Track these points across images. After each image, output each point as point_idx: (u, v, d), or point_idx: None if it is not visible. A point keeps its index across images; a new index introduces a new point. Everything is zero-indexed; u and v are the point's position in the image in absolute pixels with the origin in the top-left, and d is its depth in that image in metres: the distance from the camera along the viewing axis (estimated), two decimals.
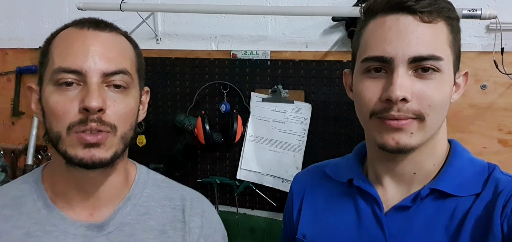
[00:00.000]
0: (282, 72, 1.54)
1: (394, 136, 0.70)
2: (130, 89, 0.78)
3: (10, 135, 1.86)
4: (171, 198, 0.89)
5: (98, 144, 0.73)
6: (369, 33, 0.74)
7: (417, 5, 0.69)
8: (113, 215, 0.82)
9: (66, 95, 0.73)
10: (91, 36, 0.75)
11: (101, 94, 0.73)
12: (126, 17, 1.55)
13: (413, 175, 0.77)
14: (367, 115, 0.73)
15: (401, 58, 0.68)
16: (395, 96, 0.67)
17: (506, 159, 1.36)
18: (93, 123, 0.72)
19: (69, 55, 0.73)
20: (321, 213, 0.87)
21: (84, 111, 0.72)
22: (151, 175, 0.92)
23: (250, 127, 1.58)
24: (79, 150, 0.73)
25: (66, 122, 0.72)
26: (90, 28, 0.77)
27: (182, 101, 1.63)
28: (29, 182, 0.83)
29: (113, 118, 0.74)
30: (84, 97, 0.71)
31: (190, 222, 0.87)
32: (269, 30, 1.56)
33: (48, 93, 0.74)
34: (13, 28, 1.85)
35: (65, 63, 0.73)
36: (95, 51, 0.74)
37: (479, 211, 0.71)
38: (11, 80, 1.84)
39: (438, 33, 0.70)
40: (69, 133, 0.73)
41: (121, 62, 0.76)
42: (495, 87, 1.35)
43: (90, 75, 0.72)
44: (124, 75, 0.76)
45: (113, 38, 0.78)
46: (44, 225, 0.78)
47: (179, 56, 1.64)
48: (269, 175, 1.58)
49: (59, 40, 0.77)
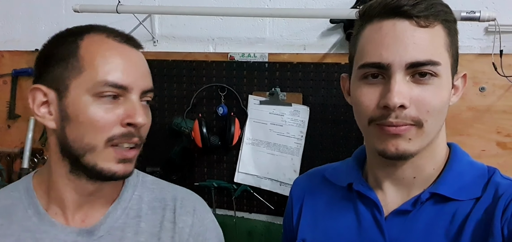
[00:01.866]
0: (280, 75, 1.53)
1: (394, 142, 0.70)
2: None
3: (5, 138, 1.86)
4: (161, 199, 0.88)
5: (133, 159, 0.78)
6: (365, 39, 0.73)
7: (413, 9, 0.68)
8: (103, 220, 0.81)
9: (108, 108, 0.73)
10: (134, 56, 0.79)
11: (142, 110, 0.77)
12: (123, 19, 1.54)
13: (413, 179, 0.76)
14: (366, 122, 0.73)
15: (398, 64, 0.68)
16: (393, 103, 0.67)
17: (505, 162, 1.35)
18: (136, 137, 0.76)
19: (118, 71, 0.73)
20: (321, 217, 0.86)
21: (128, 126, 0.74)
22: (140, 177, 0.91)
23: (247, 129, 1.58)
24: (112, 164, 0.74)
25: (107, 134, 0.73)
26: (128, 44, 0.78)
27: (179, 104, 1.63)
28: (19, 190, 0.82)
29: (143, 132, 0.79)
30: (129, 113, 0.74)
31: (179, 221, 0.86)
32: (267, 33, 1.56)
33: (85, 104, 0.72)
34: (9, 30, 1.84)
35: (116, 79, 0.73)
36: (138, 72, 0.78)
37: (479, 215, 0.71)
38: (7, 83, 1.83)
39: (435, 37, 0.70)
40: (107, 146, 0.73)
41: (150, 80, 0.82)
42: (494, 90, 1.34)
43: (135, 91, 0.76)
44: (152, 93, 0.82)
45: (142, 58, 0.82)
46: (34, 232, 0.78)
47: (176, 59, 1.63)
48: (267, 178, 1.57)
49: (99, 49, 0.74)
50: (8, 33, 1.84)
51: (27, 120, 1.78)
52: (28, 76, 1.80)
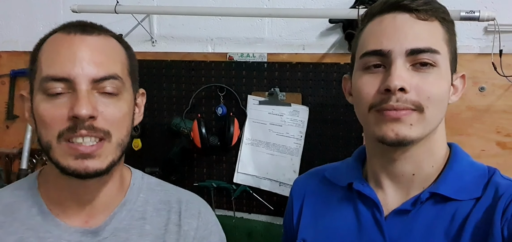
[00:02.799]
0: (279, 75, 1.53)
1: (394, 127, 0.70)
2: (122, 93, 0.76)
3: (4, 138, 1.85)
4: (166, 202, 0.88)
5: (92, 154, 0.71)
6: (367, 33, 0.75)
7: (413, 3, 0.71)
8: (108, 221, 0.81)
9: (54, 103, 0.71)
10: (78, 41, 0.73)
11: (91, 101, 0.70)
12: (121, 19, 1.54)
13: (412, 176, 0.76)
14: (366, 109, 0.73)
15: (398, 51, 0.70)
16: (394, 85, 0.68)
17: (505, 162, 1.35)
18: (84, 130, 0.70)
19: (56, 62, 0.72)
20: (321, 217, 0.86)
21: (74, 118, 0.70)
22: (146, 179, 0.90)
23: (247, 130, 1.57)
24: (70, 161, 0.71)
25: (56, 130, 0.71)
26: (77, 32, 0.74)
27: (178, 104, 1.62)
28: (24, 188, 0.82)
29: (105, 124, 0.72)
30: (73, 105, 0.70)
31: (185, 224, 0.86)
32: (265, 32, 1.56)
33: (37, 102, 0.73)
34: (7, 30, 1.84)
35: (52, 71, 0.71)
36: (82, 56, 0.71)
37: (479, 215, 0.71)
38: (5, 84, 1.83)
39: (434, 30, 0.72)
40: (60, 142, 0.71)
41: (110, 67, 0.74)
42: (494, 90, 1.34)
43: (79, 81, 0.70)
44: (115, 80, 0.74)
45: (101, 42, 0.75)
46: (38, 231, 0.77)
47: (175, 59, 1.62)
48: (266, 179, 1.57)
49: (47, 46, 0.75)
50: (6, 34, 1.83)
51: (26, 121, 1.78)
52: (26, 76, 1.79)
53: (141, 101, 0.86)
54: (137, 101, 0.84)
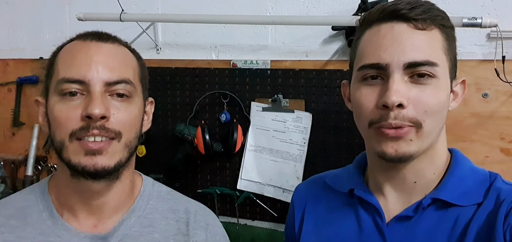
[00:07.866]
0: (282, 82, 1.53)
1: (393, 144, 0.70)
2: (133, 97, 0.80)
3: (10, 145, 1.86)
4: (175, 211, 0.89)
5: (101, 151, 0.74)
6: (364, 42, 0.75)
7: (411, 13, 0.69)
8: (117, 227, 0.82)
9: (69, 104, 0.75)
10: (94, 47, 0.78)
11: (104, 102, 0.74)
12: (126, 27, 1.55)
13: (413, 184, 0.76)
14: (366, 125, 0.73)
15: (396, 64, 0.69)
16: (391, 102, 0.67)
17: (509, 168, 1.35)
18: (96, 129, 0.73)
19: (73, 66, 0.76)
20: (322, 224, 0.86)
21: (87, 118, 0.73)
22: (156, 187, 0.92)
23: (250, 136, 1.58)
24: (81, 157, 0.74)
25: (69, 129, 0.74)
26: (93, 40, 0.79)
27: (182, 111, 1.63)
28: (36, 193, 0.84)
29: (117, 125, 0.76)
30: (87, 105, 0.73)
31: (194, 235, 0.87)
32: (269, 40, 1.56)
33: (52, 103, 0.76)
34: (14, 38, 1.86)
35: (68, 74, 0.75)
36: (97, 61, 0.76)
37: (481, 221, 0.70)
38: (12, 91, 1.84)
39: (432, 39, 0.71)
40: (72, 140, 0.74)
41: (123, 72, 0.78)
42: (497, 96, 1.34)
43: (93, 84, 0.74)
44: (127, 85, 0.78)
45: (115, 49, 0.80)
46: (49, 236, 0.79)
47: (179, 66, 1.64)
48: (270, 185, 1.57)
49: (64, 52, 0.80)
50: (13, 42, 1.86)
51: (32, 127, 1.79)
52: (33, 84, 1.82)
53: (150, 109, 0.90)
54: (146, 109, 0.87)
